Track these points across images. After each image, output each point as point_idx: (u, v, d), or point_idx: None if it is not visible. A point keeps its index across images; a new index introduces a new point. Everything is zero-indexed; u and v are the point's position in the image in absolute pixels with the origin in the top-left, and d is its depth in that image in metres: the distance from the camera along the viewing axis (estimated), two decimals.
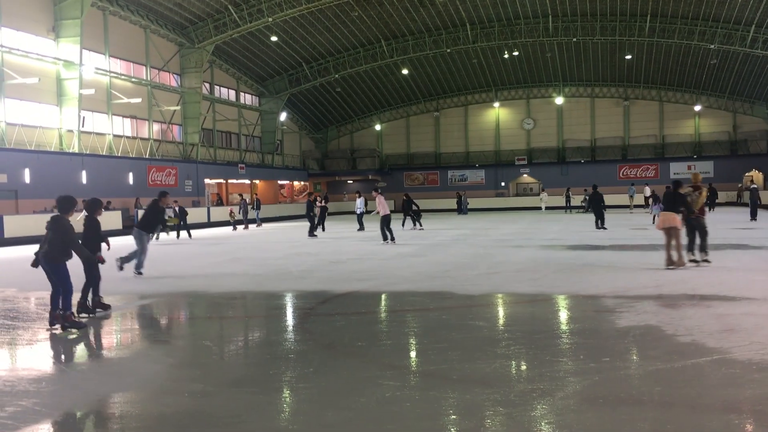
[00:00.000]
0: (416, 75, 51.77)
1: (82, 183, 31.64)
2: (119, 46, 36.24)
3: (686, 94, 51.14)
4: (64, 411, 5.04)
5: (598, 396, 5.00)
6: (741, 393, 4.98)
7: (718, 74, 47.59)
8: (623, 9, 40.73)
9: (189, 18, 39.14)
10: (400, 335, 7.61)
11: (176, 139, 41.24)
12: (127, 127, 37.34)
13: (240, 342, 7.81)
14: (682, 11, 39.94)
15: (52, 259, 8.05)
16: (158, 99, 38.88)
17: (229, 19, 38.88)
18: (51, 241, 8.05)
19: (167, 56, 39.56)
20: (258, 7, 38.31)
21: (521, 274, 12.30)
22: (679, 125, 52.08)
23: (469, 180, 55.26)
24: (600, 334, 7.13)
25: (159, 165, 37.59)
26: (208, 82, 44.30)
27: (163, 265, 15.63)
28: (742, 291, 9.49)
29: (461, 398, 5.04)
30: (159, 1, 36.24)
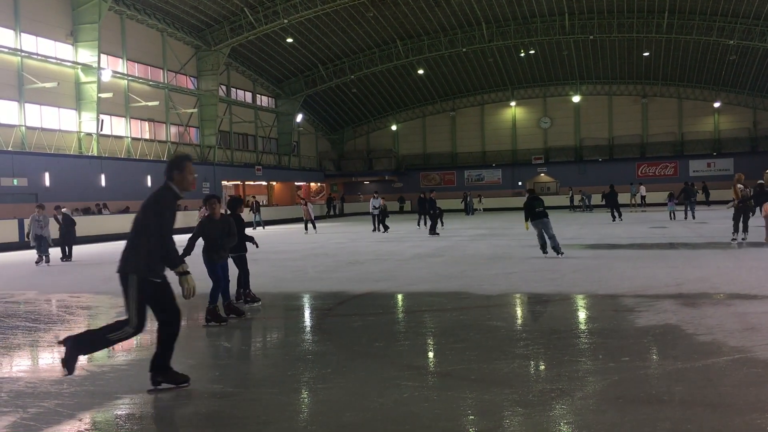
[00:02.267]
0: (432, 75, 51.71)
1: (101, 186, 31.96)
2: (136, 49, 36.56)
3: (705, 90, 50.62)
4: (85, 412, 5.09)
5: (617, 396, 4.96)
6: (763, 392, 4.92)
7: (738, 70, 47.06)
8: (641, 6, 40.40)
9: (205, 21, 39.39)
10: (418, 336, 7.61)
11: (193, 141, 41.52)
12: (145, 130, 37.66)
13: (258, 343, 7.85)
14: (701, 7, 39.55)
15: (206, 256, 8.61)
16: (175, 102, 39.17)
17: (244, 22, 39.08)
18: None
19: (184, 59, 39.84)
20: (273, 9, 38.47)
21: (539, 273, 12.24)
22: (698, 122, 51.58)
23: (486, 180, 55.11)
24: (619, 334, 7.08)
25: None
26: (225, 85, 44.54)
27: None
28: (764, 289, 9.38)
29: (479, 398, 5.02)
30: (175, 4, 36.51)
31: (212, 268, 8.45)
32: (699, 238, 18.40)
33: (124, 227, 32.13)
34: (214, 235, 8.41)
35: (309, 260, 16.47)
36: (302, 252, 18.98)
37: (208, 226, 8.43)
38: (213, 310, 8.37)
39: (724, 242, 16.98)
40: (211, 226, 8.43)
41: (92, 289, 12.30)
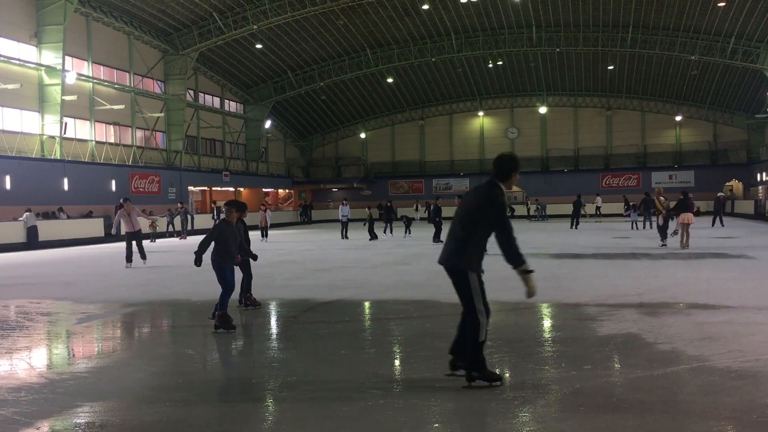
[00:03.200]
0: (401, 83, 51.95)
1: (64, 190, 31.38)
2: (102, 52, 36.07)
3: (667, 104, 51.71)
4: (44, 420, 4.99)
5: (579, 404, 5.03)
6: (720, 400, 5.04)
7: (699, 85, 48.18)
8: (606, 20, 41.16)
9: (173, 25, 39.05)
10: (384, 344, 7.62)
11: (160, 146, 41.04)
12: (110, 133, 37.11)
13: (223, 350, 7.78)
14: (664, 23, 40.44)
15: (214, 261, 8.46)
16: (141, 106, 38.70)
17: (213, 27, 38.83)
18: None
19: (151, 63, 39.41)
20: (243, 15, 38.31)
21: (505, 282, 12.29)
22: (660, 135, 52.63)
23: (454, 188, 55.42)
24: (582, 342, 7.18)
25: (142, 172, 37.38)
26: (193, 89, 44.16)
27: (145, 273, 15.54)
28: (721, 299, 9.60)
29: (443, 406, 5.05)
30: (143, 7, 36.12)
31: (222, 273, 8.35)
32: (660, 249, 18.76)
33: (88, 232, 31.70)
34: (228, 240, 8.33)
35: (276, 267, 16.38)
36: (270, 259, 18.85)
37: (225, 230, 8.37)
38: (223, 316, 8.24)
39: (685, 252, 17.35)
40: (227, 230, 8.37)
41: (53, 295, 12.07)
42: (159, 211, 32.28)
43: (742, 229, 27.85)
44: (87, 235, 29.39)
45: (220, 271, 8.35)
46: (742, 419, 4.65)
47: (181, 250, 23.56)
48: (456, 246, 5.59)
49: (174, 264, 18.15)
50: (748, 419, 4.63)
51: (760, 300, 9.49)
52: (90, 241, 28.66)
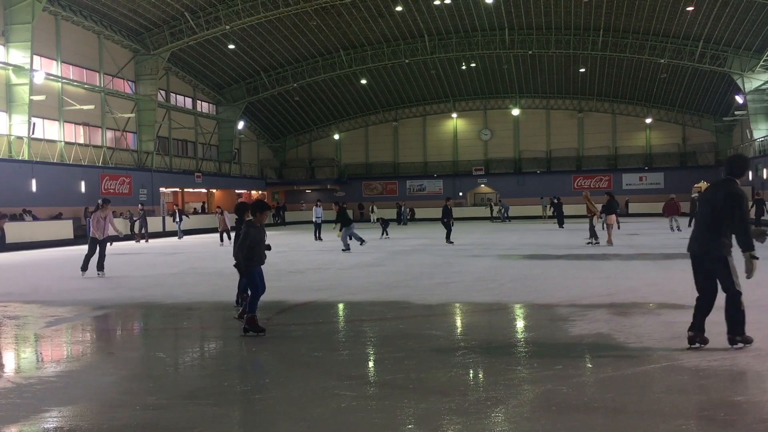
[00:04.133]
0: (375, 85, 51.99)
1: (32, 191, 30.85)
2: (72, 51, 35.55)
3: (638, 107, 52.45)
4: (11, 426, 4.89)
5: (551, 403, 5.07)
6: (688, 399, 5.11)
7: (668, 88, 48.95)
8: (577, 23, 41.62)
9: (144, 24, 38.63)
10: (357, 345, 7.60)
11: (130, 147, 40.55)
12: (80, 134, 36.58)
13: (195, 353, 7.70)
14: (634, 26, 41.01)
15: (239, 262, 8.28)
16: (112, 106, 38.20)
17: (185, 26, 38.49)
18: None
19: (121, 63, 38.94)
20: (215, 15, 38.03)
21: (479, 283, 12.42)
22: (631, 137, 53.35)
23: (428, 190, 55.62)
24: (554, 342, 7.24)
25: (112, 173, 36.90)
26: (164, 90, 43.72)
27: (117, 275, 15.33)
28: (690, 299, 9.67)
29: (417, 407, 5.06)
30: (113, 7, 35.68)
31: (252, 276, 8.16)
32: (630, 249, 19.00)
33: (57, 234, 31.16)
34: (260, 243, 8.21)
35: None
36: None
37: (255, 233, 8.20)
38: (252, 319, 8.04)
39: (654, 254, 17.60)
40: (256, 232, 8.20)
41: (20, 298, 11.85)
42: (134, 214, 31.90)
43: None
44: (56, 237, 28.93)
45: (250, 274, 8.18)
46: (710, 417, 4.72)
47: (153, 252, 23.31)
48: (711, 236, 6.48)
49: (145, 266, 17.95)
50: (716, 417, 4.71)
51: None
52: (59, 243, 28.20)
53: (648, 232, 27.68)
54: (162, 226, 36.29)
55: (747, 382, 5.51)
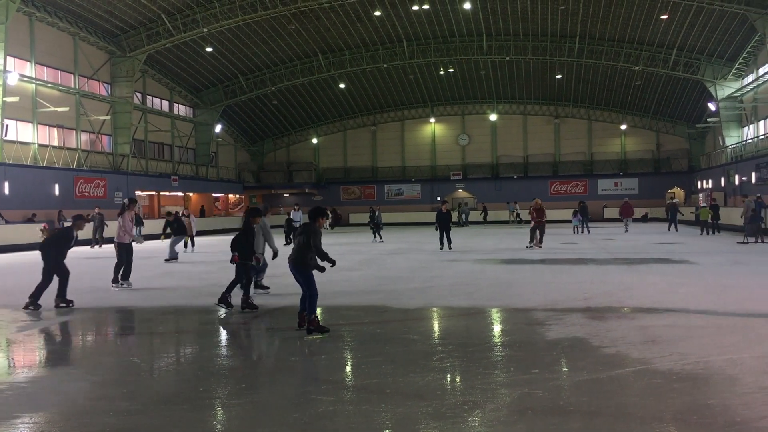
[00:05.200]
0: (353, 89, 52.00)
1: (5, 194, 30.34)
2: (46, 53, 35.08)
3: (613, 113, 53.04)
4: None
5: (527, 407, 5.10)
6: (662, 402, 5.17)
7: (643, 95, 49.58)
8: (554, 30, 42.02)
9: (120, 26, 38.25)
10: (335, 350, 7.59)
11: (106, 149, 40.09)
12: (54, 136, 36.07)
13: (170, 358, 7.63)
14: (609, 34, 41.49)
15: (299, 264, 8.24)
16: (87, 108, 37.75)
17: (162, 29, 38.19)
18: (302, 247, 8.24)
19: (97, 64, 38.52)
20: (193, 17, 37.79)
21: (456, 287, 12.46)
22: (606, 143, 53.92)
23: (406, 194, 55.71)
24: (530, 347, 7.29)
25: (87, 176, 36.43)
26: (140, 92, 43.31)
27: (91, 279, 15.14)
28: (664, 303, 9.87)
29: (394, 412, 5.06)
30: (89, 8, 35.28)
31: (312, 278, 8.28)
32: (606, 254, 19.19)
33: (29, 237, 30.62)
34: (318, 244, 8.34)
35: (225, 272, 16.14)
36: (219, 264, 18.60)
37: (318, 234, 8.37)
38: (317, 319, 8.18)
39: (629, 258, 17.78)
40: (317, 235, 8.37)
41: None
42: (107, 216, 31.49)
43: (684, 235, 28.73)
44: (28, 240, 28.43)
45: (309, 276, 8.25)
46: (683, 421, 4.78)
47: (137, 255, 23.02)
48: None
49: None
50: (690, 420, 4.77)
51: (700, 304, 9.79)
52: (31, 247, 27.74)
53: (623, 236, 27.98)
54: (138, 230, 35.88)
55: (719, 385, 5.59)
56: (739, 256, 18.01)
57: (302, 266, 8.21)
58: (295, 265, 8.25)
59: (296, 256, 8.24)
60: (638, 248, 21.16)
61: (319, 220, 8.59)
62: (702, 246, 22.03)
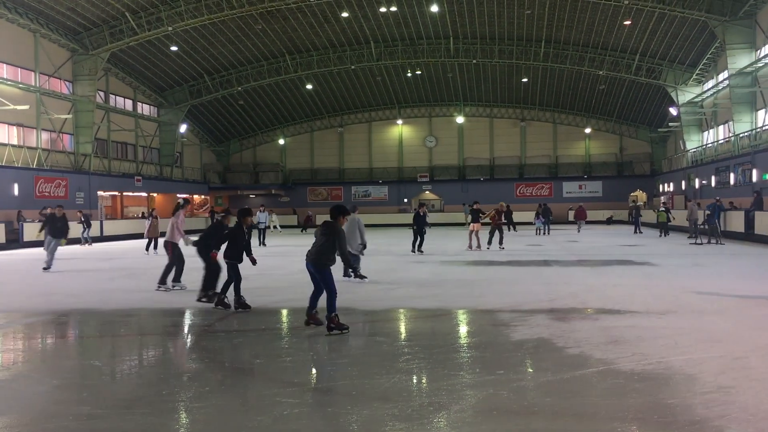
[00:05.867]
0: (320, 90, 51.85)
1: None
2: (6, 50, 34.28)
3: (578, 117, 53.77)
4: None
5: (492, 408, 5.13)
6: (624, 402, 5.25)
7: (607, 99, 50.37)
8: (520, 34, 42.45)
9: (83, 24, 37.57)
10: (300, 352, 7.54)
11: (67, 149, 39.31)
12: (13, 135, 35.26)
13: (132, 361, 7.50)
14: (574, 38, 42.07)
15: (318, 264, 8.22)
16: (48, 107, 36.98)
17: (125, 27, 37.60)
18: (321, 247, 8.22)
19: (58, 62, 37.77)
20: (157, 16, 37.29)
21: (423, 289, 12.49)
22: (571, 146, 54.63)
23: (373, 196, 55.73)
24: (496, 348, 7.33)
25: (48, 176, 35.70)
26: (103, 91, 42.59)
27: (51, 281, 14.82)
28: (626, 305, 10.03)
29: (360, 414, 5.04)
30: (50, 5, 34.57)
31: (331, 276, 8.32)
32: (570, 256, 19.42)
33: None
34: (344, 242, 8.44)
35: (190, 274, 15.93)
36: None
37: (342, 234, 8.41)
38: (337, 317, 8.24)
39: (593, 260, 18.03)
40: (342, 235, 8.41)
41: None
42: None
43: (646, 237, 29.25)
44: None
45: (329, 274, 8.27)
46: (645, 420, 4.85)
47: (87, 258, 22.65)
48: None
49: (80, 272, 17.41)
50: (651, 420, 4.84)
51: (661, 305, 9.96)
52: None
53: (587, 239, 28.37)
54: (100, 230, 35.30)
55: (680, 385, 5.69)
56: (699, 258, 18.40)
57: (322, 264, 8.23)
58: (315, 264, 8.25)
59: (316, 255, 8.24)
60: (601, 250, 21.47)
61: (340, 218, 8.53)
62: (662, 248, 22.45)
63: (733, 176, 34.06)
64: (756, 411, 4.93)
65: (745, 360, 6.50)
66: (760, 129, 31.88)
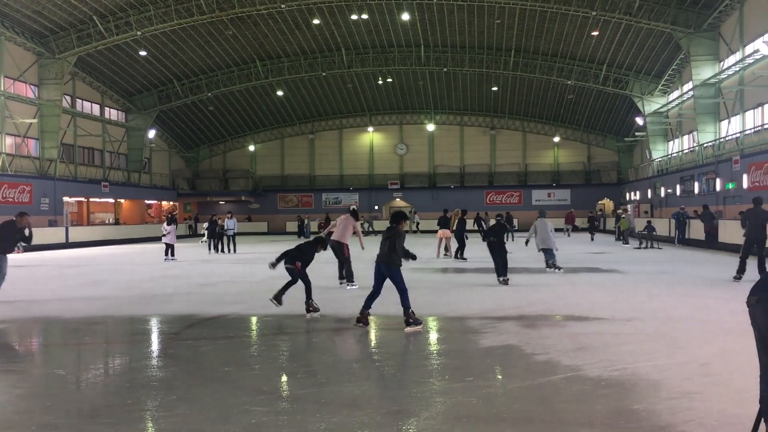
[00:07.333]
0: (291, 97, 51.72)
1: None
2: None
3: (546, 125, 54.40)
4: None
5: (461, 415, 5.15)
6: (591, 408, 5.30)
7: (575, 108, 51.06)
8: (490, 43, 42.86)
9: (49, 27, 36.97)
10: (270, 359, 7.49)
11: (32, 154, 38.58)
12: None
13: (98, 370, 7.37)
14: (543, 48, 42.60)
15: (391, 264, 8.99)
16: (12, 111, 36.28)
17: (93, 31, 37.10)
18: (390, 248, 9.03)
19: (24, 66, 37.10)
20: (126, 20, 36.86)
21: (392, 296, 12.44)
22: (540, 155, 55.22)
23: (344, 203, 55.64)
24: (465, 354, 7.37)
25: (11, 181, 34.97)
26: (70, 95, 41.94)
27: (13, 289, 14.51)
28: (594, 311, 10.15)
29: (329, 421, 5.02)
30: (16, 8, 33.95)
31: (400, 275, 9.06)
32: (540, 263, 19.58)
33: None
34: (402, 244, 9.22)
35: (158, 282, 15.77)
36: (150, 273, 18.15)
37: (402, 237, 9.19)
38: (413, 312, 8.93)
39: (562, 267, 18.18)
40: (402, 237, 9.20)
41: None
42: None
43: (614, 245, 29.66)
44: None
45: (399, 273, 9.01)
46: (612, 425, 4.91)
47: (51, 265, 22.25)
48: None
49: (44, 279, 17.09)
50: (617, 425, 4.90)
51: (628, 312, 10.10)
52: None
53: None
54: (65, 237, 34.70)
55: (645, 391, 5.77)
56: (663, 265, 18.70)
57: (391, 265, 9.00)
58: (387, 266, 9.02)
59: (386, 257, 9.03)
60: (569, 257, 21.70)
61: (402, 222, 9.38)
62: (629, 255, 22.78)
63: (697, 185, 34.74)
64: (720, 416, 5.02)
65: (709, 366, 6.62)
66: (723, 139, 32.57)
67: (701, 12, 32.80)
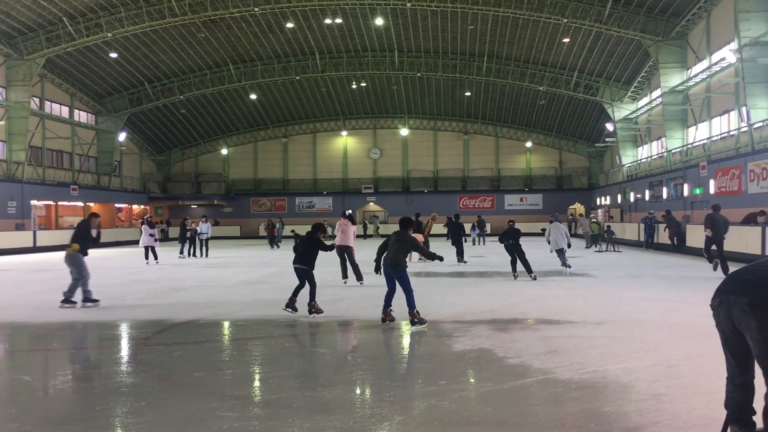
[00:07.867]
0: (265, 101, 51.50)
1: None
2: None
3: (519, 131, 54.86)
4: None
5: (434, 419, 5.15)
6: (562, 410, 5.35)
7: (547, 114, 51.58)
8: (463, 49, 43.13)
9: (17, 28, 36.35)
10: (242, 364, 7.43)
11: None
12: None
13: (66, 376, 7.25)
14: (515, 54, 42.99)
15: (397, 266, 9.46)
16: None
17: (63, 32, 36.58)
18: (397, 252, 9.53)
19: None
20: (96, 22, 36.40)
21: (366, 300, 12.48)
22: (512, 160, 55.66)
23: (317, 207, 55.52)
24: (438, 358, 7.38)
25: None
26: (38, 97, 41.26)
27: None
28: (566, 315, 10.24)
29: (302, 426, 4.99)
30: None
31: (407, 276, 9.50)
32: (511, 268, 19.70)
33: None
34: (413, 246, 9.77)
35: (128, 286, 15.57)
36: (120, 278, 17.91)
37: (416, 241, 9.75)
38: (418, 312, 9.36)
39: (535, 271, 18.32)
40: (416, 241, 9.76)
41: None
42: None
43: (584, 249, 29.97)
44: None
45: (406, 275, 9.44)
46: (582, 427, 4.96)
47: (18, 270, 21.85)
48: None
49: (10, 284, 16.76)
50: (588, 427, 4.95)
51: (598, 315, 10.22)
52: None
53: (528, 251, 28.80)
54: (33, 241, 34.08)
55: (615, 393, 5.83)
56: (632, 269, 18.95)
57: (399, 267, 9.46)
58: (394, 268, 9.46)
59: (393, 260, 9.47)
60: (541, 261, 21.87)
61: (410, 228, 9.90)
62: (599, 259, 23.04)
63: (666, 190, 35.29)
64: (687, 418, 5.10)
65: (677, 368, 6.71)
66: (690, 145, 33.15)
67: (669, 20, 33.37)
